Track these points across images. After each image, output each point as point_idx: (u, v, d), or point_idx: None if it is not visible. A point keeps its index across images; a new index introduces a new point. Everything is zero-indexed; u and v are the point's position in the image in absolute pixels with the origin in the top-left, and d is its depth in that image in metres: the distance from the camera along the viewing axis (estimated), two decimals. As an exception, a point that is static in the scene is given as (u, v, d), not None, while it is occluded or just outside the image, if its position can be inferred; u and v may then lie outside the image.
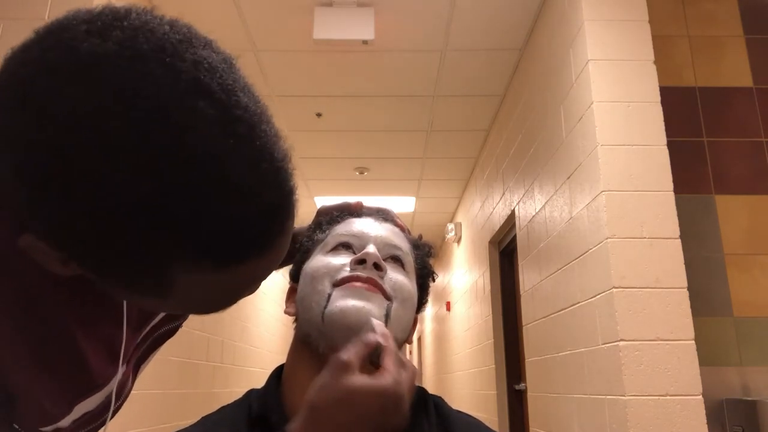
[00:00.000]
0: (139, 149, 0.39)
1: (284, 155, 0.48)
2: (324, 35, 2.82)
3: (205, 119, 0.41)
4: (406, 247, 0.76)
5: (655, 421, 1.88)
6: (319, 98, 3.78)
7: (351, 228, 0.75)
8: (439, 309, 7.44)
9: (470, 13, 2.93)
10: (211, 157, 0.41)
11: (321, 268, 0.70)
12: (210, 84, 0.42)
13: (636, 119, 2.18)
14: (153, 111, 0.40)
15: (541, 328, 2.91)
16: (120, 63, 0.40)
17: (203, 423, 0.70)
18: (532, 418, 3.08)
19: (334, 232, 0.75)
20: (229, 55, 0.48)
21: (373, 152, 4.71)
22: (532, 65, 3.09)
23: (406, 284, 0.72)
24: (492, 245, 4.32)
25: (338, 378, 0.56)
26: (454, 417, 0.72)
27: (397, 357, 0.59)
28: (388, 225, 0.77)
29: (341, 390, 0.55)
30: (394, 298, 0.69)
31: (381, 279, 0.69)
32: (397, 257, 0.74)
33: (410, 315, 0.72)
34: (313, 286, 0.69)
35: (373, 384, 0.55)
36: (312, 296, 0.69)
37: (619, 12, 2.32)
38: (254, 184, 0.43)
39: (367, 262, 0.69)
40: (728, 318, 2.29)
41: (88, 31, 0.41)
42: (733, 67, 2.59)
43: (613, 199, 2.10)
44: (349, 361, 0.56)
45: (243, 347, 5.00)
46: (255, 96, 0.47)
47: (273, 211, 0.45)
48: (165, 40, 0.42)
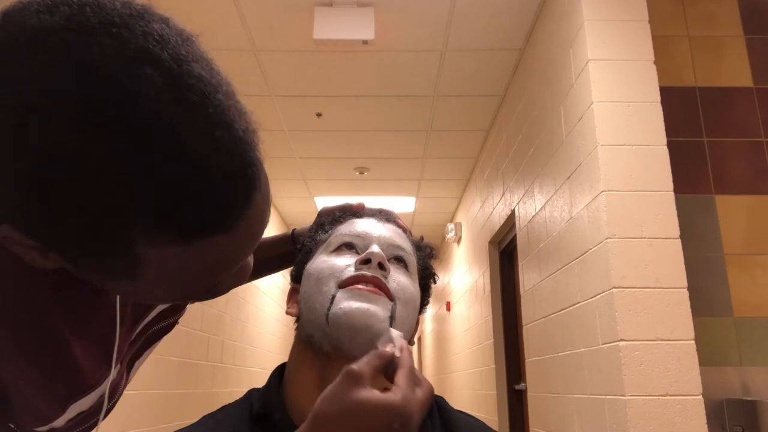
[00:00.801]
0: (88, 117, 0.40)
1: (246, 127, 0.47)
2: (324, 35, 2.82)
3: (153, 86, 0.41)
4: (409, 248, 0.76)
5: (655, 421, 1.88)
6: (319, 98, 3.78)
7: (354, 228, 0.75)
8: (439, 309, 7.44)
9: (470, 13, 2.93)
10: (162, 124, 0.41)
11: (325, 269, 0.70)
12: (159, 53, 0.42)
13: (636, 119, 2.18)
14: (100, 79, 0.40)
15: (541, 328, 2.91)
16: (66, 35, 0.40)
17: (204, 422, 0.70)
18: (532, 418, 3.08)
19: (337, 232, 0.75)
20: (188, 32, 0.48)
21: (373, 152, 4.71)
22: (532, 65, 3.09)
23: (409, 285, 0.72)
24: (492, 245, 4.32)
25: (347, 389, 0.55)
26: (456, 418, 0.72)
27: (411, 373, 0.58)
28: (391, 226, 0.77)
29: (349, 402, 0.54)
30: (398, 299, 0.69)
31: (385, 279, 0.69)
32: (400, 258, 0.74)
33: (413, 316, 0.72)
34: (318, 287, 0.69)
35: (381, 399, 0.54)
36: (316, 297, 0.68)
37: (619, 12, 2.32)
38: (208, 151, 0.43)
39: (371, 262, 0.69)
40: (728, 318, 2.29)
41: (38, 9, 0.42)
42: (733, 67, 2.59)
43: (613, 199, 2.10)
44: (360, 373, 0.55)
45: (243, 347, 5.00)
46: (214, 69, 0.47)
47: (232, 181, 0.45)
48: (114, 14, 0.42)
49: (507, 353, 4.05)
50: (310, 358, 0.68)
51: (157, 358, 3.03)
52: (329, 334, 0.66)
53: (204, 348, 3.90)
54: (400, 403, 0.54)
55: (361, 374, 0.55)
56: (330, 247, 0.73)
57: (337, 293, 0.67)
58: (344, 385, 0.55)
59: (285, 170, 5.05)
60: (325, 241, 0.75)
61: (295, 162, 4.85)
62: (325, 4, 2.86)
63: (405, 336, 0.69)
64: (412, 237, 0.80)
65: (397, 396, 0.55)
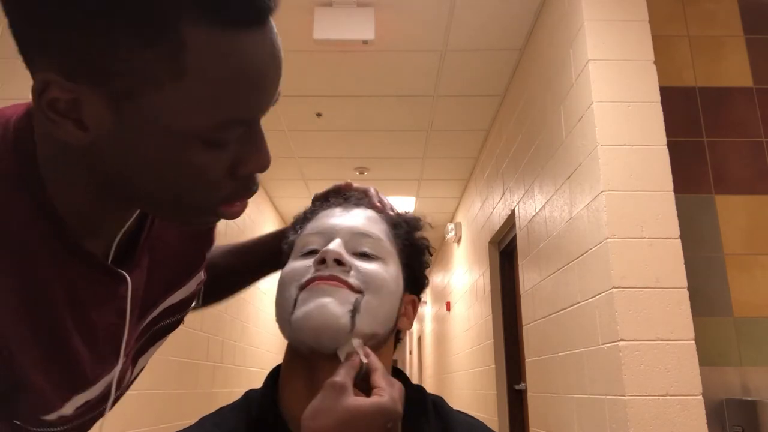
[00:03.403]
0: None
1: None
2: (324, 35, 2.82)
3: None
4: (379, 230, 0.73)
5: (655, 421, 1.88)
6: (319, 98, 3.78)
7: (317, 225, 0.74)
8: (439, 309, 7.44)
9: (470, 13, 2.93)
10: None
11: (287, 274, 0.70)
12: None
13: (636, 119, 2.18)
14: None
15: (541, 328, 2.91)
16: None
17: (201, 424, 0.70)
18: (532, 418, 3.08)
19: (302, 234, 0.74)
20: None
21: (373, 152, 4.71)
22: (532, 65, 3.09)
23: (379, 272, 0.69)
24: (492, 245, 4.32)
25: (336, 400, 0.56)
26: (453, 417, 0.72)
27: (385, 374, 0.61)
28: (359, 211, 0.75)
29: (343, 412, 0.55)
30: (365, 290, 0.67)
31: (346, 274, 0.67)
32: (364, 252, 0.70)
33: (389, 303, 0.69)
34: (281, 293, 0.70)
35: (374, 403, 0.56)
36: (282, 303, 0.69)
37: (619, 12, 2.32)
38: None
39: (327, 261, 0.67)
40: (728, 318, 2.29)
41: None
42: (733, 67, 2.59)
43: (613, 199, 2.10)
44: (344, 383, 0.57)
45: (243, 347, 4.99)
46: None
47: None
48: None
49: (507, 353, 4.05)
50: (299, 362, 0.69)
51: (157, 358, 3.03)
52: (297, 339, 0.66)
53: (204, 348, 3.90)
54: (389, 403, 0.57)
55: (345, 384, 0.57)
56: (297, 251, 0.73)
57: (298, 296, 0.67)
58: (331, 397, 0.56)
59: (285, 170, 5.05)
60: (294, 243, 0.75)
61: (295, 162, 4.85)
62: (325, 4, 2.86)
63: (383, 327, 0.68)
64: (389, 215, 0.77)
65: (385, 397, 0.57)
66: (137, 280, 0.66)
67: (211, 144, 0.52)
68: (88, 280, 0.60)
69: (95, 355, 0.62)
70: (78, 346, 0.60)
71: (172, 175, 0.53)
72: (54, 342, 0.58)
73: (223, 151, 0.54)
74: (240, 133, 0.54)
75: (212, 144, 0.52)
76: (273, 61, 0.52)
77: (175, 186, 0.54)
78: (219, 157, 0.54)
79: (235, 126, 0.52)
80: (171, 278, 0.74)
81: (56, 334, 0.58)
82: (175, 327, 0.80)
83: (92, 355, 0.62)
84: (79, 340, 0.60)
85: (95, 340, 0.62)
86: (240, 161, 0.56)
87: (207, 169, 0.53)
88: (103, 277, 0.61)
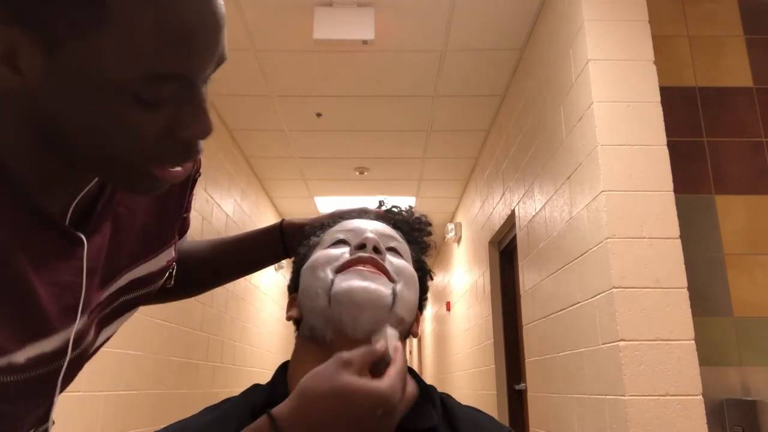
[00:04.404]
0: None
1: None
2: (324, 35, 2.82)
3: None
4: (402, 240, 0.78)
5: (655, 421, 1.88)
6: (319, 98, 3.78)
7: (344, 226, 0.76)
8: (439, 309, 7.44)
9: (470, 13, 2.93)
10: None
11: (320, 258, 0.71)
12: None
13: (636, 119, 2.18)
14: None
15: (541, 328, 2.91)
16: None
17: (204, 415, 0.70)
18: (532, 418, 3.08)
19: (329, 232, 0.77)
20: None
21: (373, 152, 4.71)
22: (532, 65, 3.09)
23: (408, 267, 0.73)
24: (492, 245, 4.32)
25: (337, 371, 0.56)
26: (459, 412, 0.72)
27: (403, 371, 0.59)
28: (380, 223, 0.79)
29: (338, 383, 0.55)
30: (398, 280, 0.70)
31: (383, 261, 0.70)
32: (393, 248, 0.74)
33: (415, 297, 0.72)
34: (315, 275, 0.69)
35: (370, 386, 0.56)
36: (315, 284, 0.69)
37: (619, 12, 2.32)
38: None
39: (366, 247, 0.69)
40: (728, 318, 2.29)
41: None
42: (733, 67, 2.59)
43: (613, 199, 2.10)
44: (350, 360, 0.57)
45: (243, 347, 5.00)
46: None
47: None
48: None
49: (507, 353, 4.05)
50: (313, 352, 0.68)
51: (157, 358, 3.03)
52: (331, 317, 0.65)
53: (204, 348, 3.90)
54: (387, 391, 0.56)
55: (351, 360, 0.57)
56: (324, 244, 0.75)
57: (335, 277, 0.67)
58: (332, 368, 0.56)
59: (285, 170, 5.05)
60: (318, 242, 0.77)
61: (295, 162, 4.85)
62: (325, 4, 2.86)
63: (409, 316, 0.70)
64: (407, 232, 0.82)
65: (385, 384, 0.56)
66: (96, 244, 0.67)
67: (144, 101, 0.53)
68: (41, 238, 0.60)
69: (51, 306, 0.63)
70: (32, 291, 0.60)
71: (104, 130, 0.54)
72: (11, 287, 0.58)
73: (157, 111, 0.54)
74: (175, 92, 0.54)
75: (145, 101, 0.53)
76: (210, 18, 0.53)
77: (107, 141, 0.55)
78: (153, 116, 0.54)
79: (167, 83, 0.53)
80: (136, 249, 0.75)
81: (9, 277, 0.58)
82: (144, 302, 0.80)
83: (47, 305, 0.62)
84: (33, 287, 0.60)
85: (50, 292, 0.62)
86: (178, 123, 0.56)
87: (140, 126, 0.54)
88: (57, 237, 0.62)
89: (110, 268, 0.71)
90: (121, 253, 0.72)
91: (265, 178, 5.26)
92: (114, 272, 0.72)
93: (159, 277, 0.81)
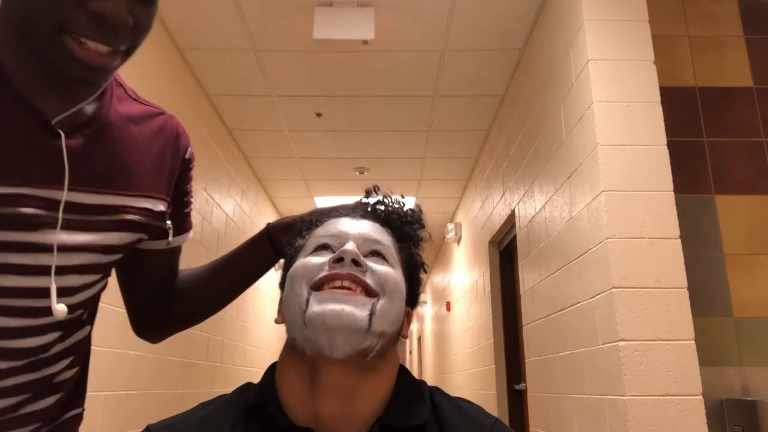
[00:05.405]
0: None
1: None
2: (324, 35, 2.82)
3: None
4: (388, 241, 0.75)
5: (655, 421, 1.88)
6: (319, 98, 3.78)
7: (328, 229, 0.75)
8: (439, 309, 7.44)
9: (470, 13, 2.93)
10: None
11: (299, 270, 0.70)
12: None
13: (636, 119, 2.18)
14: None
15: (541, 328, 2.91)
16: None
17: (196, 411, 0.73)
18: (532, 418, 3.08)
19: (313, 235, 0.76)
20: None
21: (373, 152, 4.71)
22: (532, 65, 3.09)
23: (391, 274, 0.71)
24: (492, 245, 4.32)
25: None
26: (446, 405, 0.72)
27: None
28: (367, 221, 0.77)
29: None
30: (380, 292, 0.68)
31: (363, 274, 0.68)
32: (377, 251, 0.72)
33: (399, 306, 0.70)
34: (292, 288, 0.69)
35: None
36: (293, 300, 0.68)
37: (619, 12, 2.32)
38: None
39: (345, 260, 0.68)
40: (728, 318, 2.29)
41: None
42: (733, 67, 2.59)
43: (613, 199, 2.10)
44: None
45: (243, 347, 5.00)
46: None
47: None
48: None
49: (507, 353, 4.05)
50: (296, 362, 0.68)
51: (157, 358, 3.03)
52: (308, 337, 0.65)
53: (204, 348, 3.90)
54: None
55: None
56: (307, 250, 0.74)
57: (310, 296, 0.67)
58: None
59: (285, 170, 5.05)
60: (302, 248, 0.75)
61: (295, 162, 4.85)
62: (325, 4, 2.86)
63: (391, 327, 0.69)
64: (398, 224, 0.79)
65: None
66: (79, 145, 0.73)
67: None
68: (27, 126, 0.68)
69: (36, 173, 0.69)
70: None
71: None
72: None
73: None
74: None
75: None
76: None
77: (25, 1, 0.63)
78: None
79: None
80: (128, 176, 0.79)
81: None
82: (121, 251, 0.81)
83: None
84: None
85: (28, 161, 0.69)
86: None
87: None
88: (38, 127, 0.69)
89: (97, 177, 0.75)
90: (113, 171, 0.77)
91: (265, 178, 5.26)
92: (102, 184, 0.75)
93: (146, 229, 0.82)
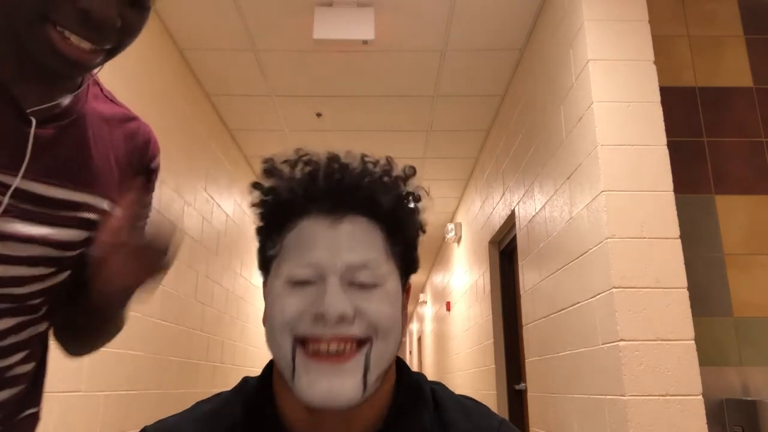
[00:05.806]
0: None
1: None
2: (324, 35, 2.82)
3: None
4: (377, 249, 0.66)
5: (655, 421, 1.88)
6: (319, 98, 3.78)
7: (302, 255, 0.64)
8: (439, 309, 7.44)
9: (470, 13, 2.93)
10: None
11: (277, 314, 0.63)
12: None
13: (636, 119, 2.18)
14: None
15: (541, 328, 2.91)
16: None
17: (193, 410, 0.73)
18: (532, 418, 3.08)
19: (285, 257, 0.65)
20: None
21: (373, 152, 4.67)
22: (532, 65, 3.09)
23: (385, 310, 0.63)
24: (492, 245, 4.32)
25: None
26: (449, 404, 0.70)
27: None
28: (346, 227, 0.65)
29: None
30: (373, 335, 0.62)
31: (351, 326, 0.61)
32: (363, 284, 0.63)
33: (397, 334, 0.65)
34: (273, 336, 0.64)
35: None
36: (276, 348, 0.64)
37: (619, 12, 2.32)
38: None
39: (327, 320, 0.60)
40: (728, 318, 2.29)
41: None
42: (733, 67, 2.59)
43: (613, 199, 2.10)
44: None
45: (243, 347, 5.00)
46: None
47: None
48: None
49: (507, 353, 4.05)
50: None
51: (157, 358, 3.03)
52: (300, 397, 0.61)
53: (204, 348, 3.90)
54: None
55: None
56: (281, 277, 0.64)
57: (295, 353, 0.61)
58: None
59: (285, 170, 5.04)
60: (276, 257, 0.66)
61: (295, 162, 4.85)
62: (325, 4, 2.86)
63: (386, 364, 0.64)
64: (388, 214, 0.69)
65: None
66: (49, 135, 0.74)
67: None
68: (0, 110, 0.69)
69: None
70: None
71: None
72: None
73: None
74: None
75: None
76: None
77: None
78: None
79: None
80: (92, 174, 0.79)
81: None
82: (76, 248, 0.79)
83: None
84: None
85: None
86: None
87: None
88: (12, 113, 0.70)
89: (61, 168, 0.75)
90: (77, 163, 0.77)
91: (265, 178, 5.26)
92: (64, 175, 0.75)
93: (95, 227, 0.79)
